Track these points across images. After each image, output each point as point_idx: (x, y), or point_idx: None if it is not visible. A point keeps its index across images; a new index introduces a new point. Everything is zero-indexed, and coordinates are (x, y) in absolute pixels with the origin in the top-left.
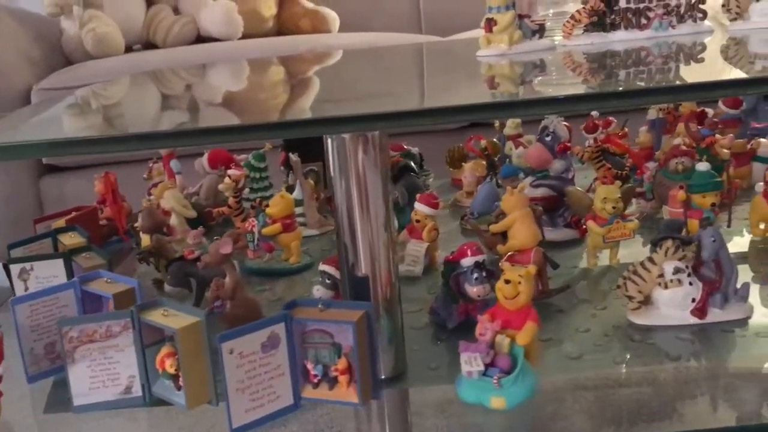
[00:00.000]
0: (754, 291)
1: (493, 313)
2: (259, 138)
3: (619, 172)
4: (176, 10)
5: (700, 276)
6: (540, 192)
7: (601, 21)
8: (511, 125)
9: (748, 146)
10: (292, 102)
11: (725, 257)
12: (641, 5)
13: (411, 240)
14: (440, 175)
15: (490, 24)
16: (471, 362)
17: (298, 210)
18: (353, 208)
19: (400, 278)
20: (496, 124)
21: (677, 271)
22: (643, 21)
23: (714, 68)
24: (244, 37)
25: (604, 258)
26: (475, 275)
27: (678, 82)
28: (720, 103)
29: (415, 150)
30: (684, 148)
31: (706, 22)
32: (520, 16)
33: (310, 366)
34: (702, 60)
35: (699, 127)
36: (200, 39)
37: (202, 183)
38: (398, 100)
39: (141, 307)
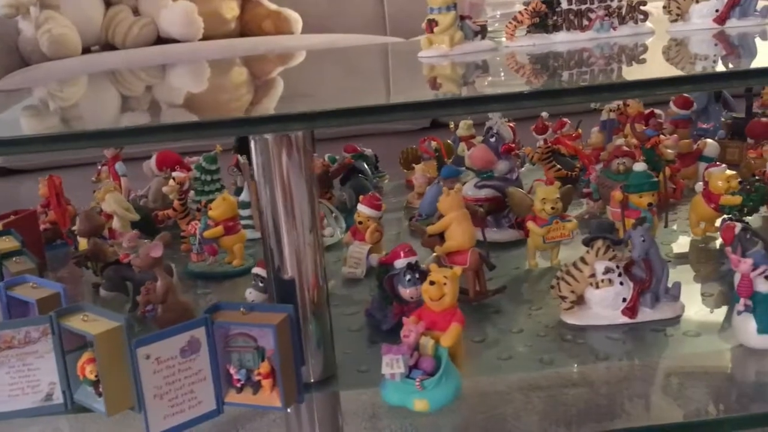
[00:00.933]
0: (689, 290)
1: (419, 315)
2: (173, 139)
3: (569, 172)
4: (136, 11)
5: (631, 275)
6: (484, 193)
7: (543, 22)
8: (464, 126)
9: (695, 147)
10: (224, 102)
11: (655, 256)
12: (583, 7)
13: (354, 242)
14: (396, 177)
15: (431, 25)
16: (392, 364)
17: (246, 212)
18: (278, 211)
19: (344, 280)
20: (451, 125)
21: (608, 270)
22: (585, 22)
23: (654, 67)
24: (206, 38)
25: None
26: (408, 277)
27: (619, 80)
28: (671, 104)
29: (368, 151)
30: (625, 148)
31: (648, 24)
32: (462, 17)
33: (233, 370)
34: (643, 60)
35: (645, 127)
36: (161, 40)
37: (150, 185)
38: (323, 101)
39: (61, 312)
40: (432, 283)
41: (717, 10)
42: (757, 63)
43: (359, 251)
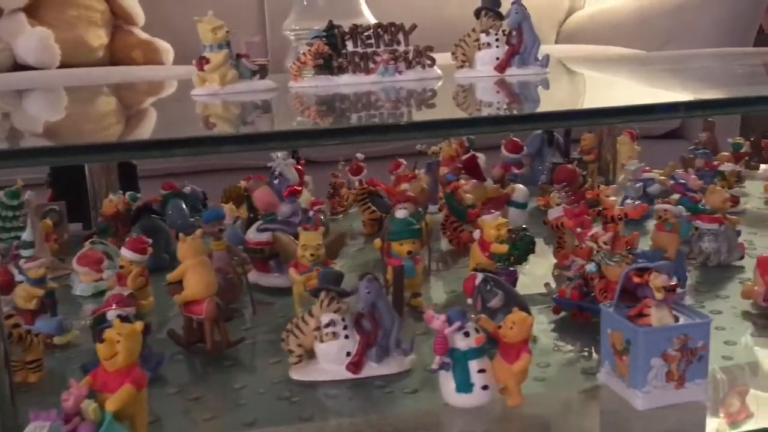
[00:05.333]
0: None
1: (94, 375)
2: None
3: (384, 214)
4: None
5: (360, 328)
6: (266, 237)
7: (328, 64)
8: None
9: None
10: None
11: (384, 309)
12: (369, 50)
13: (116, 287)
14: None
15: (201, 62)
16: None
17: (28, 253)
18: None
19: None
20: None
21: (330, 323)
22: (371, 65)
23: (434, 110)
24: (71, 66)
25: None
26: None
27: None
28: (502, 148)
29: (188, 189)
30: (409, 194)
31: (435, 69)
32: (238, 56)
33: None
34: (417, 102)
35: (446, 171)
36: (19, 67)
37: None
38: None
39: None
40: (102, 340)
41: (497, 58)
42: (526, 109)
43: None
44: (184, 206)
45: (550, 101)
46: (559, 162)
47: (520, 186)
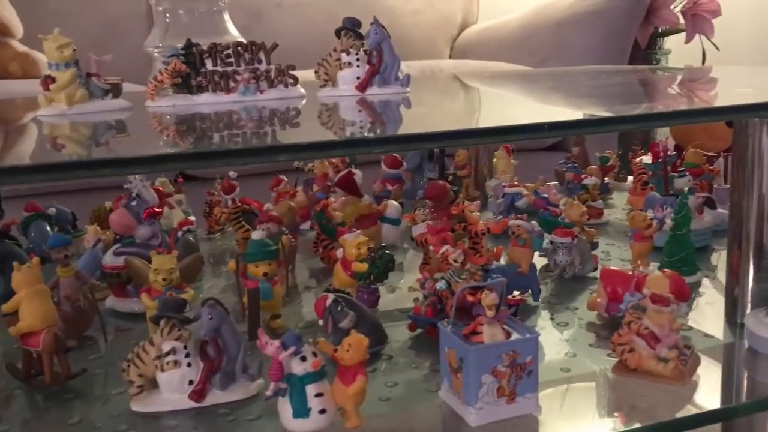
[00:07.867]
0: None
1: None
2: None
3: None
4: None
5: (204, 355)
6: (122, 261)
7: (186, 82)
8: (159, 183)
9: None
10: None
11: (229, 334)
12: (229, 69)
13: None
14: None
15: (47, 82)
16: None
17: None
18: None
19: None
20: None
21: (171, 351)
22: (232, 84)
23: (297, 130)
24: None
25: None
26: None
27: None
28: (382, 164)
29: (53, 210)
30: (273, 213)
31: (299, 88)
32: (88, 75)
33: None
34: (280, 122)
35: (316, 189)
36: None
37: None
38: None
39: None
40: None
41: (358, 77)
42: (387, 130)
43: None
44: (48, 229)
45: (409, 121)
46: (433, 178)
47: (393, 202)
